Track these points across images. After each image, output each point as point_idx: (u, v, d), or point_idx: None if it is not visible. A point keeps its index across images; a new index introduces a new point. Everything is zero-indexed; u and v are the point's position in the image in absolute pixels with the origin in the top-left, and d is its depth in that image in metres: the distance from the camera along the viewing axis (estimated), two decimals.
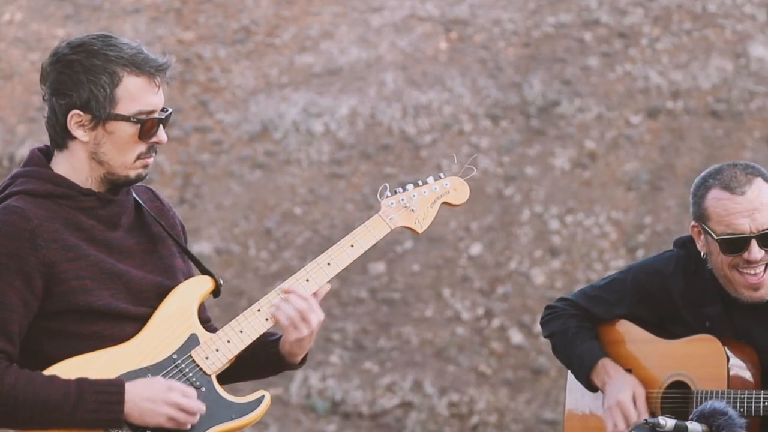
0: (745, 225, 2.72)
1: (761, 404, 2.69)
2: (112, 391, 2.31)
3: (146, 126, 2.37)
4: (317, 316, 2.46)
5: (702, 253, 2.79)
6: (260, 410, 2.42)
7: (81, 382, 2.31)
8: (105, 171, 2.42)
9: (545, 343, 14.38)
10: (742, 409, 2.68)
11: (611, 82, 14.19)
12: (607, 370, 2.80)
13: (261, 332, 2.44)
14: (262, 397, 2.41)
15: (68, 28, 14.31)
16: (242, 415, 2.39)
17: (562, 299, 2.97)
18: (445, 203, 2.62)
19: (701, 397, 2.73)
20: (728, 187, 2.75)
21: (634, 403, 2.76)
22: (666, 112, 14.24)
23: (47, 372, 2.32)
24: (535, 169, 14.10)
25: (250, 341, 2.42)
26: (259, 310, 2.43)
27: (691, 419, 2.52)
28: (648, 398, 2.77)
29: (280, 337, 2.51)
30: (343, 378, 13.68)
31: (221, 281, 2.47)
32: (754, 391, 2.72)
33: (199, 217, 12.73)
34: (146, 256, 2.44)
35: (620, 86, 14.26)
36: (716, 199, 2.75)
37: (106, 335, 2.36)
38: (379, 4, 14.71)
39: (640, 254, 14.58)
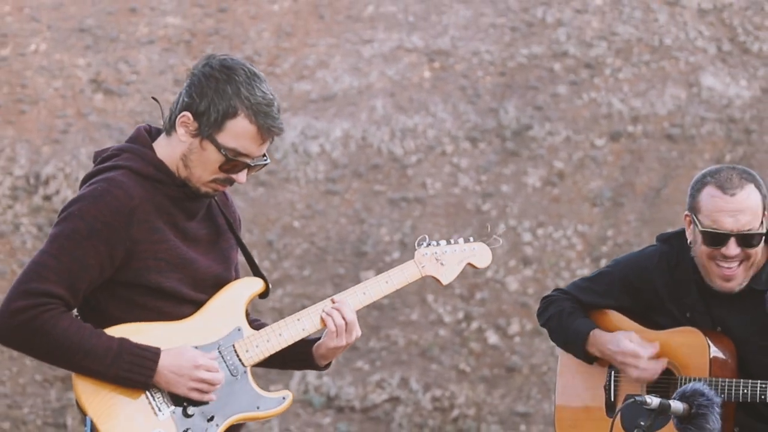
0: (729, 223, 2.77)
1: (740, 392, 2.73)
2: (147, 356, 2.38)
3: (230, 163, 2.41)
4: (357, 333, 2.53)
5: (689, 240, 2.83)
6: (283, 407, 2.47)
7: (123, 341, 2.38)
8: (186, 174, 2.48)
9: (519, 344, 15.03)
10: (722, 395, 2.71)
11: (578, 108, 14.43)
12: (598, 337, 2.86)
13: (297, 339, 2.50)
14: (286, 396, 2.49)
15: (88, 57, 14.58)
16: (267, 409, 2.45)
17: (557, 290, 3.01)
18: (469, 264, 2.66)
19: (685, 383, 2.75)
20: (722, 187, 2.80)
21: (634, 343, 2.81)
22: (627, 135, 14.48)
23: (110, 330, 2.39)
24: (510, 186, 14.35)
25: (286, 345, 2.50)
26: (299, 320, 2.49)
27: (674, 398, 2.55)
28: (636, 381, 2.81)
29: (316, 339, 2.55)
30: (337, 375, 13.92)
31: (270, 285, 2.52)
32: (733, 380, 2.77)
33: None
34: (210, 246, 2.50)
35: (586, 112, 14.52)
36: (709, 195, 2.80)
37: (165, 312, 2.44)
38: (369, 36, 14.93)
39: (603, 264, 15.41)
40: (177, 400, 2.37)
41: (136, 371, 2.34)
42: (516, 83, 14.51)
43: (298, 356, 2.52)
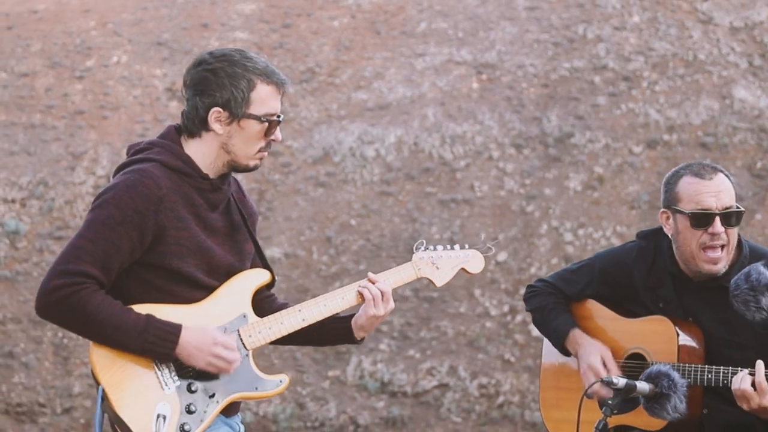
0: (712, 203, 2.82)
1: (705, 377, 2.76)
2: (170, 331, 2.45)
3: (271, 126, 2.51)
4: (392, 304, 2.59)
5: (670, 235, 2.84)
6: (279, 389, 2.52)
7: (149, 317, 2.47)
8: (230, 159, 2.55)
9: None
10: (689, 379, 2.74)
11: (617, 117, 14.79)
12: (577, 339, 2.91)
13: (296, 329, 2.54)
14: (282, 379, 2.53)
15: (165, 69, 15.00)
16: (264, 390, 2.51)
17: (540, 280, 3.04)
18: (463, 269, 2.70)
19: None
20: (698, 174, 2.87)
21: (604, 364, 2.86)
22: (663, 143, 14.77)
23: (134, 308, 2.48)
24: (552, 190, 14.62)
25: (287, 333, 2.54)
26: (299, 311, 2.55)
27: (641, 380, 2.64)
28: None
29: (352, 315, 2.63)
30: (390, 363, 14.06)
31: (276, 276, 2.57)
32: (699, 365, 2.80)
33: (270, 227, 13.30)
34: (227, 237, 2.55)
35: (624, 121, 14.84)
36: (688, 183, 2.86)
37: (180, 295, 2.50)
38: (422, 50, 15.32)
39: None
40: (183, 376, 2.43)
41: (160, 344, 2.41)
42: (558, 94, 14.85)
43: (338, 330, 2.58)
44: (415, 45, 15.36)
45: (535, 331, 14.51)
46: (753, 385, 2.65)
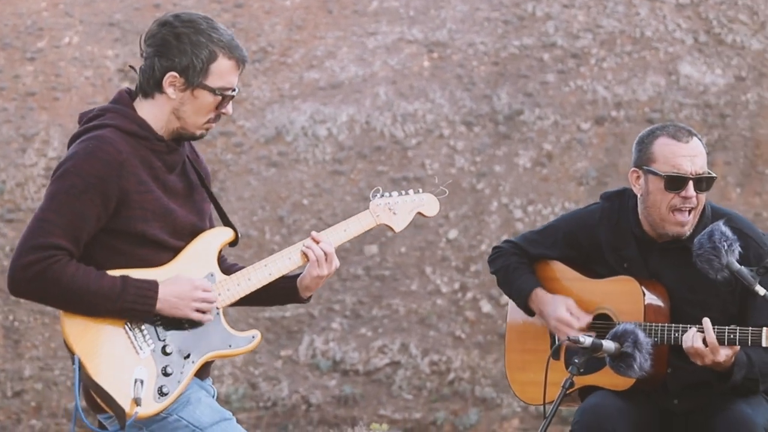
0: (688, 166, 2.78)
1: (671, 335, 2.73)
2: (148, 287, 2.42)
3: (224, 100, 2.44)
4: (336, 263, 2.53)
5: (639, 195, 2.80)
6: (252, 345, 2.50)
7: (125, 278, 2.44)
8: (179, 126, 2.50)
9: None
10: (656, 339, 2.71)
11: (565, 94, 14.64)
12: (540, 297, 2.88)
13: (264, 283, 2.52)
14: (255, 335, 2.51)
15: (116, 49, 14.71)
16: (237, 347, 2.49)
17: (506, 241, 3.03)
18: (419, 213, 2.71)
19: None
20: (675, 136, 2.82)
21: (570, 313, 2.83)
22: (610, 119, 14.69)
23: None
24: (502, 167, 14.51)
25: (255, 288, 2.52)
26: (266, 266, 2.53)
27: (607, 339, 2.61)
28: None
29: (298, 274, 2.57)
30: (342, 341, 13.94)
31: (239, 233, 2.54)
32: (665, 324, 2.77)
33: (223, 206, 14.23)
34: (187, 198, 2.53)
35: (573, 98, 14.70)
36: (664, 144, 2.80)
37: (147, 259, 2.44)
38: (373, 29, 15.13)
39: None
40: (157, 338, 2.43)
41: (139, 302, 2.41)
42: (508, 72, 14.73)
43: (283, 291, 2.58)
44: (367, 24, 15.23)
45: (486, 308, 14.51)
46: (704, 342, 2.67)
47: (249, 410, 13.24)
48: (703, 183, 2.75)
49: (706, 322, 2.62)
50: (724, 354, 2.58)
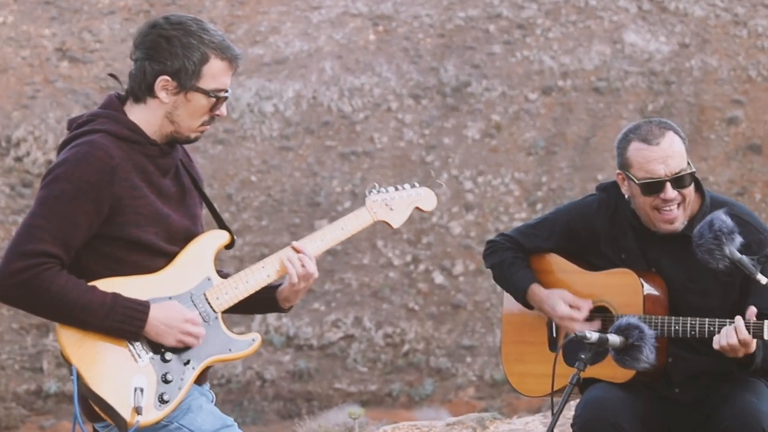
0: (661, 170, 2.75)
1: (671, 328, 2.72)
2: (139, 309, 2.38)
3: (218, 101, 2.43)
4: (314, 276, 2.51)
5: (626, 196, 2.81)
6: (253, 348, 2.47)
7: (116, 296, 2.38)
8: (173, 129, 2.46)
9: (463, 283, 15.27)
10: (657, 331, 2.69)
11: (512, 65, 14.65)
12: (536, 293, 2.85)
13: (263, 285, 2.49)
14: (255, 338, 2.49)
15: (53, 28, 14.65)
16: (238, 350, 2.46)
17: (501, 235, 3.02)
18: (417, 208, 2.68)
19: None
20: (645, 140, 2.78)
21: (570, 307, 2.80)
22: (557, 89, 14.70)
23: (90, 283, 2.40)
24: (451, 139, 14.48)
25: (254, 291, 2.49)
26: (263, 267, 2.49)
27: (610, 332, 2.59)
28: None
29: (280, 285, 2.54)
30: (295, 317, 14.13)
31: (236, 237, 2.52)
32: (665, 317, 2.75)
33: None
34: (181, 202, 2.49)
35: (520, 69, 14.73)
36: (636, 149, 2.78)
37: (142, 265, 2.42)
38: (317, 3, 15.07)
39: (539, 208, 15.03)
40: (155, 347, 2.40)
41: (128, 323, 2.36)
42: (454, 44, 14.63)
43: (264, 301, 2.55)
44: None
45: (438, 279, 14.55)
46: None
47: None
48: (683, 180, 2.74)
49: (739, 320, 2.62)
50: (754, 345, 2.60)
